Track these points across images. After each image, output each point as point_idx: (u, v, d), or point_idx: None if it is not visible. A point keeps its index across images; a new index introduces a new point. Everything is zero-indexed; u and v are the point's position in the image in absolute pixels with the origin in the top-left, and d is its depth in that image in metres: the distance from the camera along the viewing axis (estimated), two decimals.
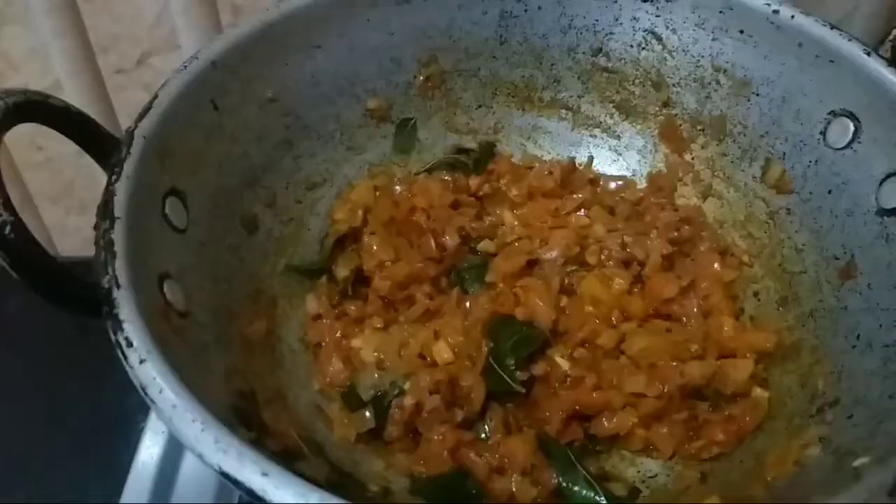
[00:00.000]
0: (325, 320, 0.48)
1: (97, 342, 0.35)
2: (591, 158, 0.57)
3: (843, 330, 0.43)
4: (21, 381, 0.65)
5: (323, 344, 0.47)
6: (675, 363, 0.45)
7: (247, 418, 0.38)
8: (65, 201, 0.86)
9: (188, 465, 0.52)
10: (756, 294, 0.50)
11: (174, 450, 0.53)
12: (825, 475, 0.35)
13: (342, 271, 0.50)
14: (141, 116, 0.42)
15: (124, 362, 0.33)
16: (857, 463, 0.33)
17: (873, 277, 0.43)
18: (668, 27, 0.53)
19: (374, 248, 0.50)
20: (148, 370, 0.32)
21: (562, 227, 0.52)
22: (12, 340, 0.68)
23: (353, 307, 0.49)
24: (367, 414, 0.43)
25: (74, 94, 0.73)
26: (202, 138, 0.46)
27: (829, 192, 0.47)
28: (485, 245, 0.52)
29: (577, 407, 0.44)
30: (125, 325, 0.33)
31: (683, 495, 0.41)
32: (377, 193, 0.54)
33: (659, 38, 0.54)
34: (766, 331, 0.47)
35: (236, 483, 0.29)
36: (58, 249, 0.87)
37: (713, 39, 0.52)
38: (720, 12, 0.51)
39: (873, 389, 0.38)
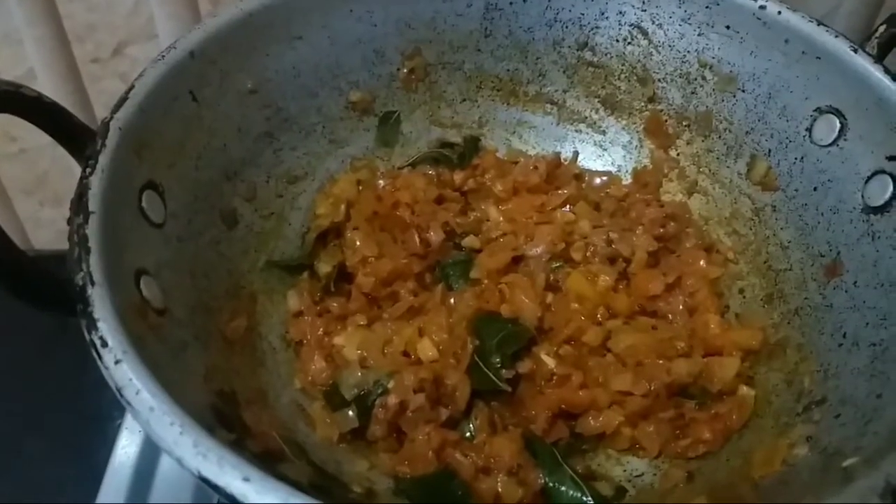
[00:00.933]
0: (306, 317, 0.47)
1: (71, 339, 0.34)
2: (576, 153, 0.57)
3: (829, 328, 0.43)
4: None
5: (305, 341, 0.46)
6: (661, 361, 0.44)
7: (227, 419, 0.37)
8: (39, 193, 0.84)
9: (166, 464, 0.51)
10: (741, 291, 0.50)
11: (151, 449, 0.52)
12: (814, 475, 0.35)
13: (324, 267, 0.49)
14: (117, 107, 0.40)
15: (99, 362, 0.32)
16: (846, 463, 0.33)
17: (859, 275, 0.43)
18: (654, 22, 0.53)
19: (358, 243, 0.49)
20: (124, 371, 0.31)
21: (547, 222, 0.52)
22: None
23: (335, 304, 0.48)
24: (350, 413, 0.42)
25: (48, 84, 0.71)
26: (180, 130, 0.44)
27: (815, 189, 0.47)
28: (469, 241, 0.52)
29: (563, 405, 0.43)
30: (100, 324, 0.32)
31: (670, 495, 0.41)
32: (360, 188, 0.53)
33: (645, 33, 0.53)
34: (751, 328, 0.47)
35: (216, 488, 0.28)
36: (31, 242, 0.85)
37: (699, 35, 0.51)
38: (707, 7, 0.50)
39: (860, 388, 0.38)
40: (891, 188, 0.42)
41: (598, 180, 0.55)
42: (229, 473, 0.28)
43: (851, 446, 0.34)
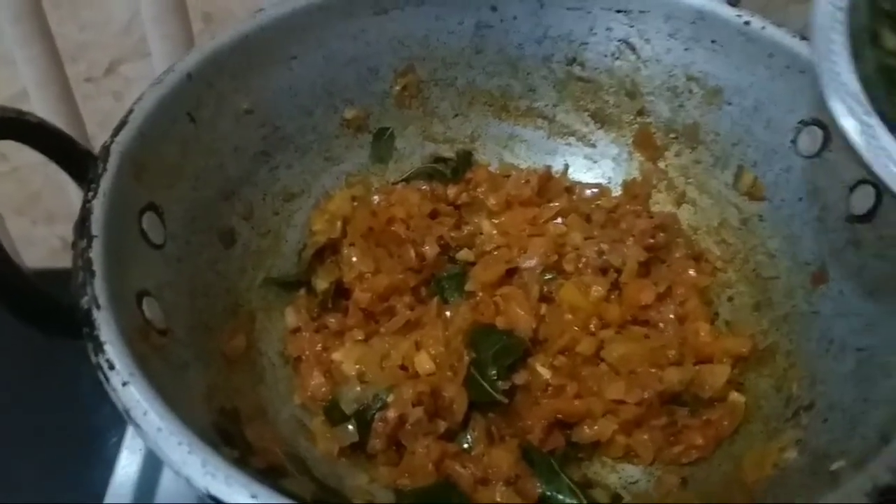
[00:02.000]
0: (304, 333, 0.48)
1: (65, 357, 0.35)
2: (566, 166, 0.58)
3: (816, 334, 0.44)
4: None
5: (303, 358, 0.47)
6: (653, 369, 0.45)
7: (230, 436, 0.38)
8: (31, 212, 0.84)
9: (166, 483, 0.51)
10: (731, 299, 0.51)
11: (152, 468, 0.52)
12: (803, 478, 0.36)
13: (322, 283, 0.50)
14: (116, 131, 0.41)
15: (106, 385, 0.32)
16: (833, 466, 0.34)
17: (844, 283, 0.44)
18: (641, 37, 0.54)
19: (354, 259, 0.50)
20: (132, 393, 0.31)
21: (539, 235, 0.53)
22: None
23: (333, 320, 0.48)
24: (350, 427, 0.43)
25: (42, 104, 0.72)
26: (178, 152, 0.45)
27: (800, 199, 0.48)
28: (464, 254, 0.52)
29: (558, 415, 0.44)
30: (106, 347, 0.33)
31: (665, 500, 0.41)
32: (355, 204, 0.54)
33: (633, 48, 0.54)
34: (741, 336, 0.48)
35: None
36: (23, 260, 0.85)
37: (686, 49, 0.53)
38: (692, 23, 0.52)
39: (847, 393, 0.39)
40: (874, 198, 0.44)
41: (588, 192, 0.56)
42: (238, 491, 0.28)
43: (839, 449, 0.35)
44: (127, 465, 0.52)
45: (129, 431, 0.53)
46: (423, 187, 0.56)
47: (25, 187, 0.82)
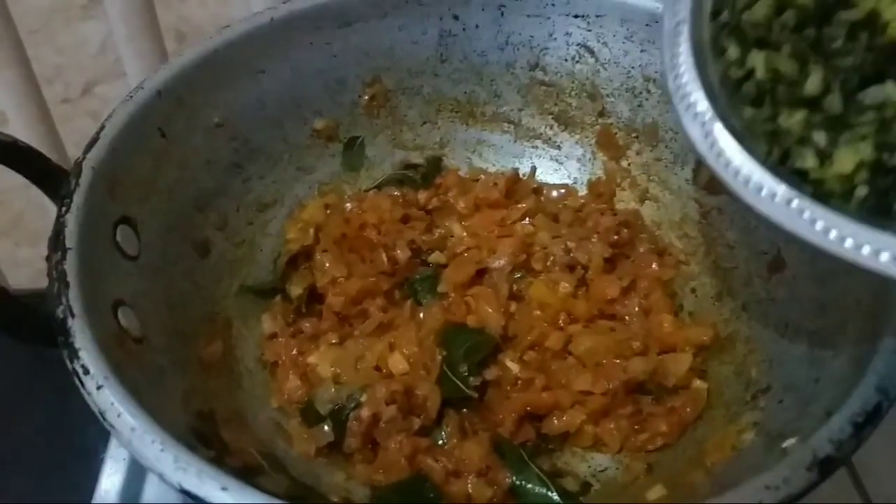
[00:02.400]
0: (280, 339, 0.49)
1: (52, 375, 0.36)
2: (534, 168, 0.60)
3: (773, 320, 0.46)
4: None
5: (280, 362, 0.48)
6: (618, 360, 0.47)
7: (206, 438, 0.39)
8: (14, 234, 0.85)
9: (150, 493, 0.52)
10: (693, 290, 0.53)
11: (135, 478, 0.53)
12: (758, 457, 0.38)
13: (296, 290, 0.51)
14: (88, 147, 0.43)
15: (81, 389, 0.34)
16: (785, 444, 0.35)
17: (798, 269, 0.46)
18: (599, 41, 0.56)
19: (327, 265, 0.51)
20: (105, 396, 0.33)
21: (508, 235, 0.54)
22: None
23: (307, 324, 0.50)
24: (326, 428, 0.44)
25: (20, 126, 0.73)
26: (151, 166, 0.47)
27: None
28: (435, 257, 0.54)
29: (528, 408, 0.46)
30: (81, 353, 0.34)
31: (632, 486, 0.43)
32: (328, 211, 0.55)
33: (591, 52, 0.56)
34: (703, 325, 0.49)
35: (197, 499, 0.30)
36: (8, 282, 0.86)
37: (642, 51, 0.54)
38: (647, 25, 0.54)
39: (801, 374, 0.41)
40: None
41: (555, 193, 0.58)
42: (209, 484, 0.30)
43: (791, 428, 0.37)
44: (111, 474, 0.53)
45: (112, 441, 0.54)
46: (395, 193, 0.57)
47: (8, 210, 0.83)
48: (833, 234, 0.30)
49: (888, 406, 0.33)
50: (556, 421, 0.45)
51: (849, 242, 0.30)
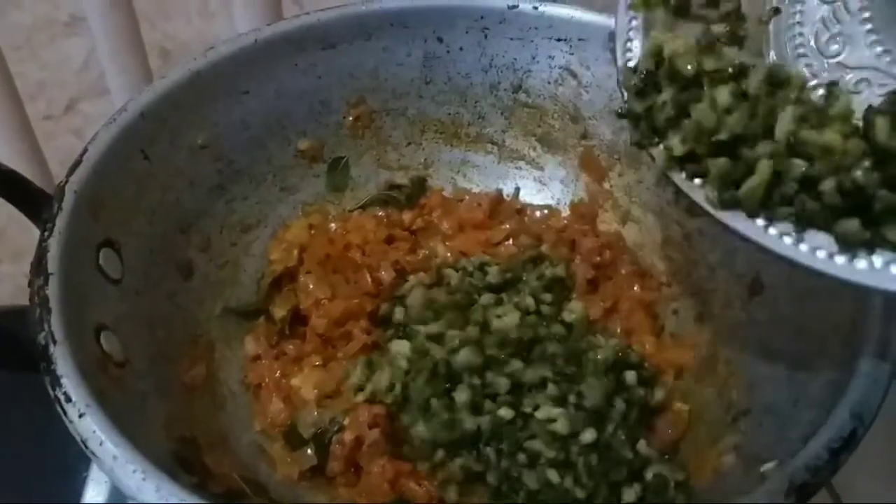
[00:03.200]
0: (264, 361, 0.49)
1: (33, 394, 0.36)
2: (517, 189, 0.60)
3: (753, 342, 0.47)
4: None
5: (263, 384, 0.48)
6: None
7: (188, 463, 0.39)
8: None
9: None
10: (675, 312, 0.53)
11: (118, 498, 0.53)
12: (737, 480, 0.38)
13: (279, 311, 0.51)
14: (71, 171, 0.42)
15: (63, 417, 0.33)
16: (763, 468, 0.36)
17: (777, 291, 0.46)
18: (582, 64, 0.56)
19: (311, 286, 0.51)
20: (88, 424, 0.33)
21: (492, 256, 0.55)
22: None
23: (291, 346, 0.50)
24: (309, 451, 0.44)
25: (2, 142, 0.72)
26: (134, 188, 0.46)
27: None
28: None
29: None
30: (63, 381, 0.34)
31: None
32: (312, 232, 0.56)
33: (574, 75, 0.57)
34: (684, 346, 0.50)
35: None
36: None
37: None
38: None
39: (780, 397, 0.41)
40: None
41: (538, 214, 0.59)
42: None
43: (770, 451, 0.37)
44: (94, 496, 0.53)
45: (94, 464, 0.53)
46: (379, 214, 0.58)
47: None
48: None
49: (864, 432, 0.34)
50: None
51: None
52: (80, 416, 0.33)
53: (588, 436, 0.42)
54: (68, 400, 0.33)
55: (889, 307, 0.38)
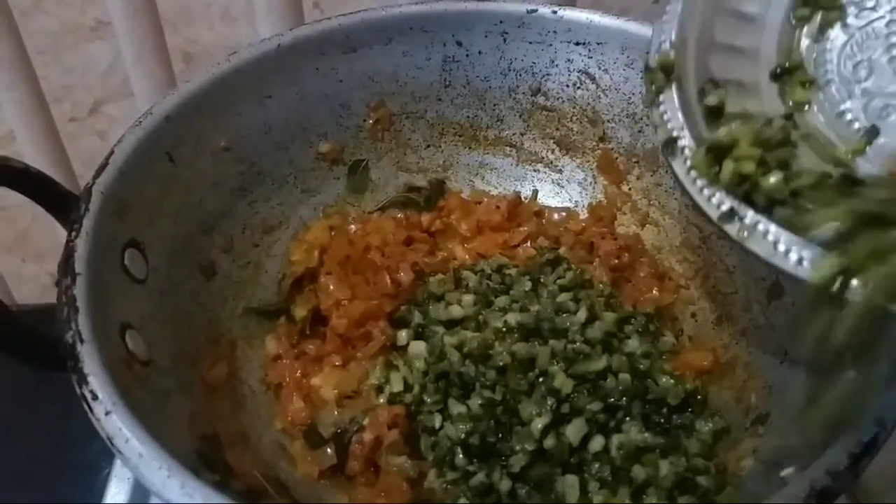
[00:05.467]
0: (284, 360, 0.50)
1: (55, 392, 0.36)
2: (535, 192, 0.60)
3: (771, 346, 0.47)
4: None
5: (283, 384, 0.49)
6: None
7: (211, 461, 0.40)
8: (20, 250, 0.86)
9: None
10: (694, 315, 0.53)
11: (140, 496, 0.54)
12: (756, 485, 0.38)
13: (300, 311, 0.52)
14: (98, 173, 0.43)
15: (90, 414, 0.34)
16: (783, 473, 0.36)
17: (796, 296, 0.46)
18: (600, 68, 0.56)
19: (331, 287, 0.52)
20: (114, 422, 0.33)
21: (510, 258, 0.55)
22: None
23: (311, 346, 0.50)
24: (329, 450, 0.45)
25: (28, 144, 0.74)
26: (158, 190, 0.47)
27: None
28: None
29: None
30: (90, 379, 0.34)
31: None
32: (332, 233, 0.56)
33: (592, 78, 0.57)
34: (703, 350, 0.50)
35: None
36: (14, 298, 0.87)
37: (642, 78, 0.55)
38: (647, 54, 0.54)
39: (798, 402, 0.41)
40: None
41: (556, 216, 0.59)
42: None
43: (789, 456, 0.37)
44: (116, 494, 0.54)
45: (117, 461, 0.54)
46: (398, 216, 0.58)
47: (14, 226, 0.84)
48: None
49: (885, 437, 0.34)
50: None
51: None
52: (107, 413, 0.34)
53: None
54: (95, 398, 0.34)
55: None
